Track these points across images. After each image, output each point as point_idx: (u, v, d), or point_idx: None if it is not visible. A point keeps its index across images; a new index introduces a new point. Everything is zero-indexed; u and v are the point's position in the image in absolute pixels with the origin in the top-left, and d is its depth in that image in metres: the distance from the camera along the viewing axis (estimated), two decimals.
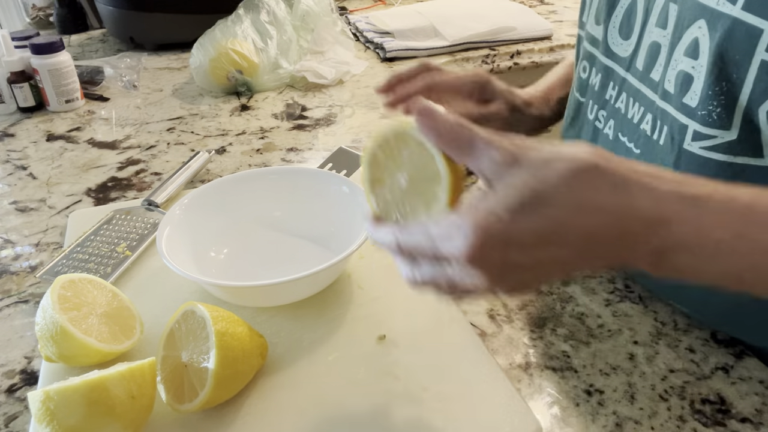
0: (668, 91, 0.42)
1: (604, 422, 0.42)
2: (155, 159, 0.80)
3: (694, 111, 0.40)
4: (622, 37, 0.48)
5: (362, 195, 0.55)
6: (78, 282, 0.46)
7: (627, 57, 0.48)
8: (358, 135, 0.85)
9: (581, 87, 0.55)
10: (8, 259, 0.61)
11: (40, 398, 0.36)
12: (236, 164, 0.78)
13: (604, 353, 0.47)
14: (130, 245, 0.59)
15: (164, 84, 1.05)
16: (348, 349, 0.47)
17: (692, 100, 0.40)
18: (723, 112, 0.38)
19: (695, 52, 0.39)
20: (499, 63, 1.11)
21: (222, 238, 0.57)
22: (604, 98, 0.51)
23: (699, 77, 0.39)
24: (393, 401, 0.42)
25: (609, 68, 0.50)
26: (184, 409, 0.40)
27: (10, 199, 0.72)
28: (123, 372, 0.38)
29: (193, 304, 0.43)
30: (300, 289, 0.50)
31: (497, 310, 0.52)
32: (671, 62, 0.42)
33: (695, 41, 0.39)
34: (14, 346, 0.50)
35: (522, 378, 0.46)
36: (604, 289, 0.54)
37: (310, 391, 0.43)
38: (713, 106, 0.38)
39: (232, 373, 0.41)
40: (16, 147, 0.84)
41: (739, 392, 0.44)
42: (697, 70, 0.39)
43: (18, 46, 0.95)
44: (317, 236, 0.58)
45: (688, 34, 0.40)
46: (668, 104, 0.42)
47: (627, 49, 0.48)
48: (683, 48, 0.40)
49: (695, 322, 0.50)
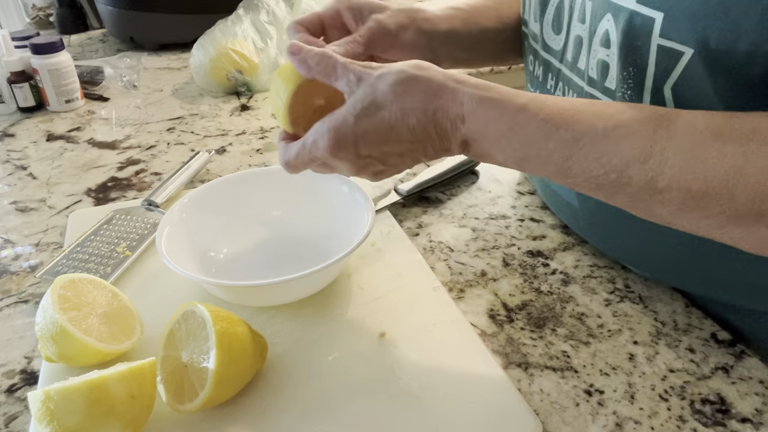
0: (593, 78, 0.46)
1: (604, 422, 0.42)
2: (155, 159, 0.80)
3: (613, 93, 0.44)
4: (555, 32, 0.52)
5: (361, 194, 0.55)
6: (78, 282, 0.46)
7: (559, 50, 0.51)
8: None
9: (532, 80, 0.59)
10: (8, 259, 0.61)
11: (40, 398, 0.36)
12: (236, 164, 0.78)
13: (604, 353, 0.47)
14: (130, 245, 0.59)
15: (164, 84, 1.05)
16: (348, 349, 0.47)
17: (611, 84, 0.44)
18: (633, 93, 0.42)
19: (607, 42, 0.43)
20: None
21: (222, 237, 0.57)
22: (546, 88, 0.55)
23: (613, 64, 0.43)
24: (393, 401, 0.42)
25: (547, 61, 0.54)
26: (184, 409, 0.40)
27: (10, 199, 0.72)
28: (123, 372, 0.38)
29: (193, 304, 0.43)
30: (300, 289, 0.50)
31: (497, 310, 0.52)
32: (591, 52, 0.46)
33: (606, 32, 0.43)
34: (14, 346, 0.50)
35: (522, 378, 0.46)
36: (604, 289, 0.54)
37: (310, 391, 0.43)
38: (625, 87, 0.42)
39: (232, 373, 0.41)
40: (16, 147, 0.84)
41: (739, 392, 0.44)
42: (611, 58, 0.43)
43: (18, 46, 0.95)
44: (317, 236, 0.58)
45: (601, 26, 0.44)
46: (594, 89, 0.46)
47: (559, 43, 0.51)
48: (598, 39, 0.44)
49: (695, 322, 0.50)
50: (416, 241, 0.62)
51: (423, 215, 0.66)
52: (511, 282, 0.55)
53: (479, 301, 0.53)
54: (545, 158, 0.38)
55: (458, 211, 0.67)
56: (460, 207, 0.67)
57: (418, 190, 0.68)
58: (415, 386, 0.43)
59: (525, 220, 0.64)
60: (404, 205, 0.68)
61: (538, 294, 0.54)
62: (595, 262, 0.58)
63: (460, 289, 0.55)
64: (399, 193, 0.67)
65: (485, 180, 0.72)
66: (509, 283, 0.55)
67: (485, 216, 0.65)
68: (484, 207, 0.67)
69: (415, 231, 0.63)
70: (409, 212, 0.66)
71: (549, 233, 0.62)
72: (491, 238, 0.62)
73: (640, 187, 0.36)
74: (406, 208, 0.67)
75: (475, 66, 0.65)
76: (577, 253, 0.59)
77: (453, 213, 0.66)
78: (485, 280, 0.56)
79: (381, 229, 0.61)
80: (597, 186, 0.38)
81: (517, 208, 0.67)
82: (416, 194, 0.68)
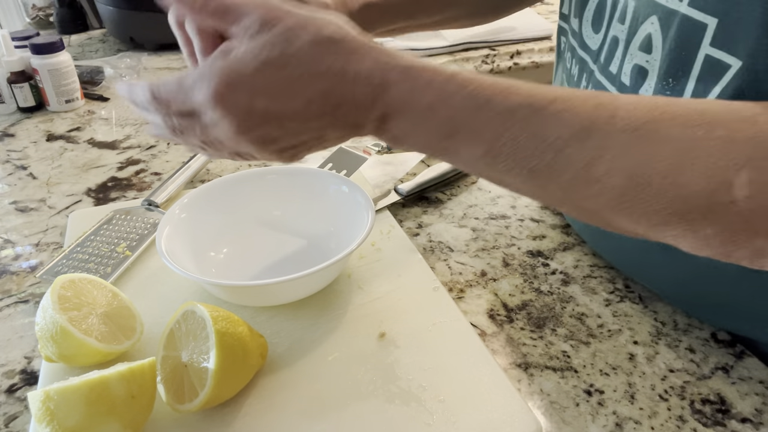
0: (624, 84, 0.43)
1: (604, 422, 0.42)
2: (155, 159, 0.80)
3: None
4: (594, 30, 0.49)
5: (361, 194, 0.55)
6: (78, 282, 0.46)
7: (596, 50, 0.49)
8: None
9: (568, 77, 0.56)
10: (8, 259, 0.61)
11: (40, 398, 0.36)
12: (236, 164, 0.78)
13: (604, 353, 0.47)
14: (130, 245, 0.59)
15: None
16: (348, 349, 0.47)
17: (647, 92, 0.41)
18: None
19: (649, 46, 0.40)
20: (499, 63, 1.11)
21: (222, 237, 0.57)
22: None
23: (653, 71, 0.40)
24: (393, 401, 0.42)
25: (583, 60, 0.51)
26: (184, 409, 0.40)
27: (10, 199, 0.72)
28: (123, 372, 0.38)
29: (193, 304, 0.43)
30: (300, 289, 0.50)
31: (497, 310, 0.52)
32: (627, 56, 0.43)
33: (648, 36, 0.40)
34: (14, 346, 0.50)
35: (522, 378, 0.46)
36: (604, 289, 0.54)
37: (310, 391, 0.43)
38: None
39: (232, 373, 0.41)
40: (16, 147, 0.84)
41: (739, 392, 0.44)
42: (651, 64, 0.40)
43: (18, 46, 0.95)
44: (317, 236, 0.58)
45: (643, 29, 0.41)
46: None
47: (596, 43, 0.49)
48: (638, 43, 0.41)
49: (695, 322, 0.50)
50: (416, 241, 0.62)
51: (423, 215, 0.66)
52: (511, 282, 0.55)
53: (479, 301, 0.53)
54: (474, 135, 0.34)
55: (458, 211, 0.67)
56: (460, 207, 0.67)
57: (418, 190, 0.68)
58: (415, 386, 0.43)
59: (525, 220, 0.64)
60: (404, 205, 0.68)
61: (538, 294, 0.54)
62: (595, 262, 0.58)
63: (460, 289, 0.55)
64: (399, 193, 0.67)
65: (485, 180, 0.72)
66: (509, 283, 0.55)
67: (485, 216, 0.65)
68: (484, 207, 0.67)
69: (415, 231, 0.63)
70: (409, 212, 0.66)
71: (549, 233, 0.62)
72: (491, 238, 0.62)
73: (577, 172, 0.32)
74: (406, 208, 0.67)
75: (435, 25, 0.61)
76: (577, 253, 0.59)
77: (453, 213, 0.66)
78: (485, 280, 0.56)
79: (381, 229, 0.61)
80: (530, 172, 0.33)
81: (517, 208, 0.67)
82: (416, 194, 0.68)
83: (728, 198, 0.28)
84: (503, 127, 0.33)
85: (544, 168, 0.32)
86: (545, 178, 0.33)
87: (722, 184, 0.28)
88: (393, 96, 0.35)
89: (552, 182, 0.33)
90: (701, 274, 0.45)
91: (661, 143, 0.30)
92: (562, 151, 0.32)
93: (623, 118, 0.31)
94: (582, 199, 0.33)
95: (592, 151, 0.31)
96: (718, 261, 0.39)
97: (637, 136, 0.30)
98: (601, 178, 0.31)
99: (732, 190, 0.28)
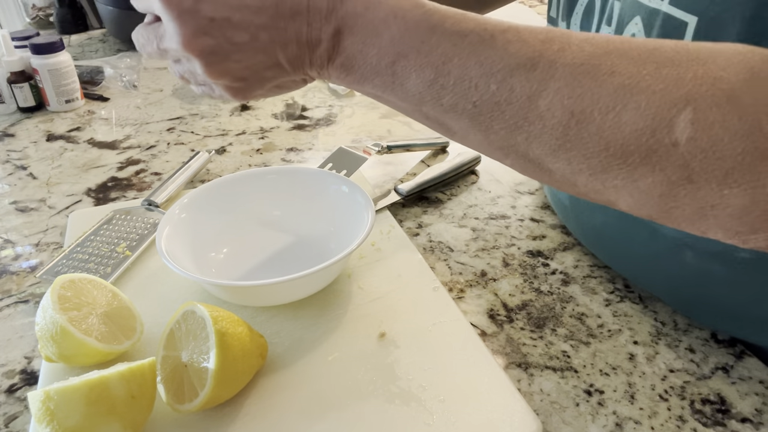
0: None
1: (604, 422, 0.42)
2: (155, 159, 0.80)
3: None
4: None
5: (361, 194, 0.55)
6: (78, 282, 0.46)
7: None
8: (358, 135, 0.85)
9: None
10: (8, 259, 0.61)
11: (40, 398, 0.36)
12: (236, 164, 0.78)
13: (604, 353, 0.47)
14: (130, 245, 0.59)
15: (164, 84, 1.05)
16: (348, 349, 0.47)
17: None
18: None
19: None
20: None
21: (221, 237, 0.57)
22: None
23: None
24: (393, 401, 0.42)
25: None
26: (184, 409, 0.40)
27: (10, 199, 0.72)
28: (123, 372, 0.38)
29: (193, 304, 0.43)
30: (299, 288, 0.50)
31: (497, 310, 0.52)
32: None
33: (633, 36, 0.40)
34: (14, 346, 0.50)
35: (522, 378, 0.46)
36: (604, 289, 0.54)
37: (310, 391, 0.43)
38: None
39: (232, 373, 0.41)
40: (16, 147, 0.84)
41: (739, 392, 0.44)
42: None
43: (18, 46, 0.95)
44: (317, 235, 0.58)
45: (627, 30, 0.41)
46: None
47: None
48: None
49: (696, 322, 0.50)
50: (416, 241, 0.62)
51: (423, 215, 0.66)
52: (511, 282, 0.55)
53: (479, 301, 0.53)
54: (424, 57, 0.33)
55: (458, 211, 0.67)
56: (460, 207, 0.67)
57: (418, 190, 0.68)
58: (415, 386, 0.43)
59: (525, 220, 0.64)
60: (404, 205, 0.68)
61: (538, 294, 0.54)
62: (595, 262, 0.58)
63: (460, 289, 0.55)
64: (399, 193, 0.67)
65: (485, 180, 0.72)
66: (509, 283, 0.55)
67: (485, 216, 0.65)
68: (484, 207, 0.67)
69: (415, 231, 0.63)
70: (409, 212, 0.66)
71: (549, 233, 0.62)
72: (491, 238, 0.62)
73: (521, 107, 0.31)
74: (406, 208, 0.67)
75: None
76: (577, 253, 0.59)
77: (453, 213, 0.66)
78: (485, 280, 0.56)
79: (381, 229, 0.61)
80: (474, 107, 0.32)
81: (517, 208, 0.67)
82: (416, 194, 0.68)
83: (669, 139, 0.27)
84: (453, 51, 0.32)
85: (488, 101, 0.32)
86: (489, 115, 0.32)
87: (663, 122, 0.27)
88: (348, 8, 0.34)
89: (495, 121, 0.32)
90: (697, 276, 0.45)
91: (604, 78, 0.29)
92: (506, 80, 0.31)
93: (572, 52, 0.30)
94: (525, 141, 0.32)
95: (535, 84, 0.30)
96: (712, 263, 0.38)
97: (582, 69, 0.29)
98: (543, 114, 0.30)
99: (673, 130, 0.27)
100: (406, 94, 0.35)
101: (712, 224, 0.29)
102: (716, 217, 0.28)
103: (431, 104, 0.34)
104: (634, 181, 0.29)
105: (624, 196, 0.30)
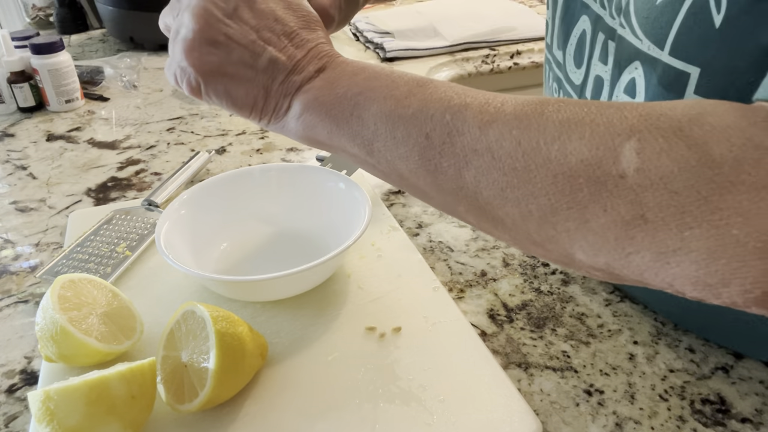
0: None
1: (604, 422, 0.42)
2: (155, 159, 0.80)
3: None
4: (576, 65, 0.49)
5: (359, 190, 0.55)
6: (78, 282, 0.46)
7: (579, 85, 0.49)
8: None
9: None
10: (8, 259, 0.61)
11: (40, 398, 0.36)
12: (236, 164, 0.78)
13: (604, 353, 0.47)
14: (130, 245, 0.59)
15: (164, 84, 1.05)
16: (348, 349, 0.47)
17: None
18: None
19: (633, 90, 0.39)
20: (499, 63, 1.11)
21: (220, 233, 0.58)
22: None
23: None
24: (393, 401, 0.42)
25: (569, 94, 0.51)
26: (184, 409, 0.40)
27: (10, 199, 0.72)
28: (123, 372, 0.38)
29: (193, 304, 0.43)
30: (298, 284, 0.50)
31: (497, 310, 0.52)
32: (613, 97, 0.43)
33: (633, 81, 0.40)
34: (14, 346, 0.50)
35: (522, 378, 0.46)
36: (604, 289, 0.54)
37: (310, 391, 0.43)
38: None
39: (232, 373, 0.41)
40: (16, 147, 0.84)
41: (739, 392, 0.44)
42: None
43: (18, 46, 0.95)
44: (315, 232, 0.58)
45: (627, 73, 0.40)
46: None
47: (579, 78, 0.48)
48: (623, 86, 0.41)
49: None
50: (416, 241, 0.62)
51: (423, 215, 0.66)
52: (511, 282, 0.55)
53: (479, 301, 0.53)
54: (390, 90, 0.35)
55: None
56: None
57: None
58: (415, 386, 0.43)
59: None
60: (404, 205, 0.68)
61: (538, 294, 0.54)
62: None
63: (460, 289, 0.55)
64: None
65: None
66: (509, 283, 0.55)
67: None
68: None
69: (415, 231, 0.63)
70: (409, 212, 0.67)
71: None
72: (491, 238, 0.62)
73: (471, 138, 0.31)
74: (406, 208, 0.67)
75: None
76: None
77: None
78: (485, 280, 0.56)
79: (381, 229, 0.61)
80: (426, 139, 0.32)
81: None
82: None
83: (616, 170, 0.26)
84: (417, 89, 0.34)
85: (441, 132, 0.32)
86: (439, 149, 0.32)
87: (608, 151, 0.26)
88: (334, 62, 0.38)
89: (445, 156, 0.32)
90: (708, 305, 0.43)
91: (550, 113, 0.29)
92: (460, 112, 0.32)
93: (518, 100, 0.31)
94: (474, 180, 0.31)
95: (487, 116, 0.31)
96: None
97: (530, 109, 0.30)
98: (491, 145, 0.30)
99: (619, 160, 0.26)
100: (361, 126, 0.35)
101: (677, 274, 0.26)
102: (679, 264, 0.25)
103: (383, 139, 0.34)
104: (586, 222, 0.27)
105: (579, 242, 0.28)
